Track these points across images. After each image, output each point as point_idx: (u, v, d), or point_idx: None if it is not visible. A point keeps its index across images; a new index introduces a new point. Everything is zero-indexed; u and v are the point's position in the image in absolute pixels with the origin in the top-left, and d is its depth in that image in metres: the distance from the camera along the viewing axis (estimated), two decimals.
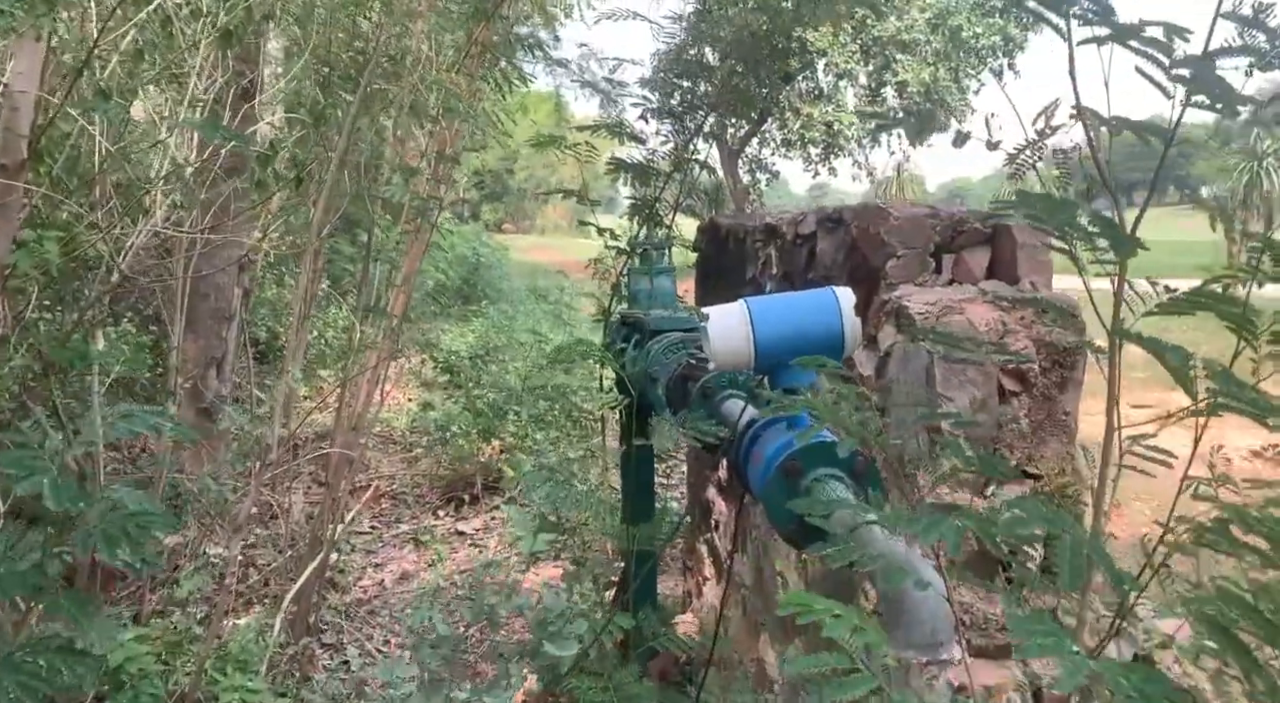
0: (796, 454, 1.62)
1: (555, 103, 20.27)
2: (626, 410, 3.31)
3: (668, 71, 13.88)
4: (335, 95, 3.12)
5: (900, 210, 2.21)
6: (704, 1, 13.80)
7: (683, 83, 12.81)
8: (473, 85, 3.69)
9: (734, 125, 12.90)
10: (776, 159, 18.40)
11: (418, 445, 7.15)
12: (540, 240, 43.16)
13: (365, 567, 5.16)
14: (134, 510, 1.59)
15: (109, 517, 1.57)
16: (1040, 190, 1.39)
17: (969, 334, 1.97)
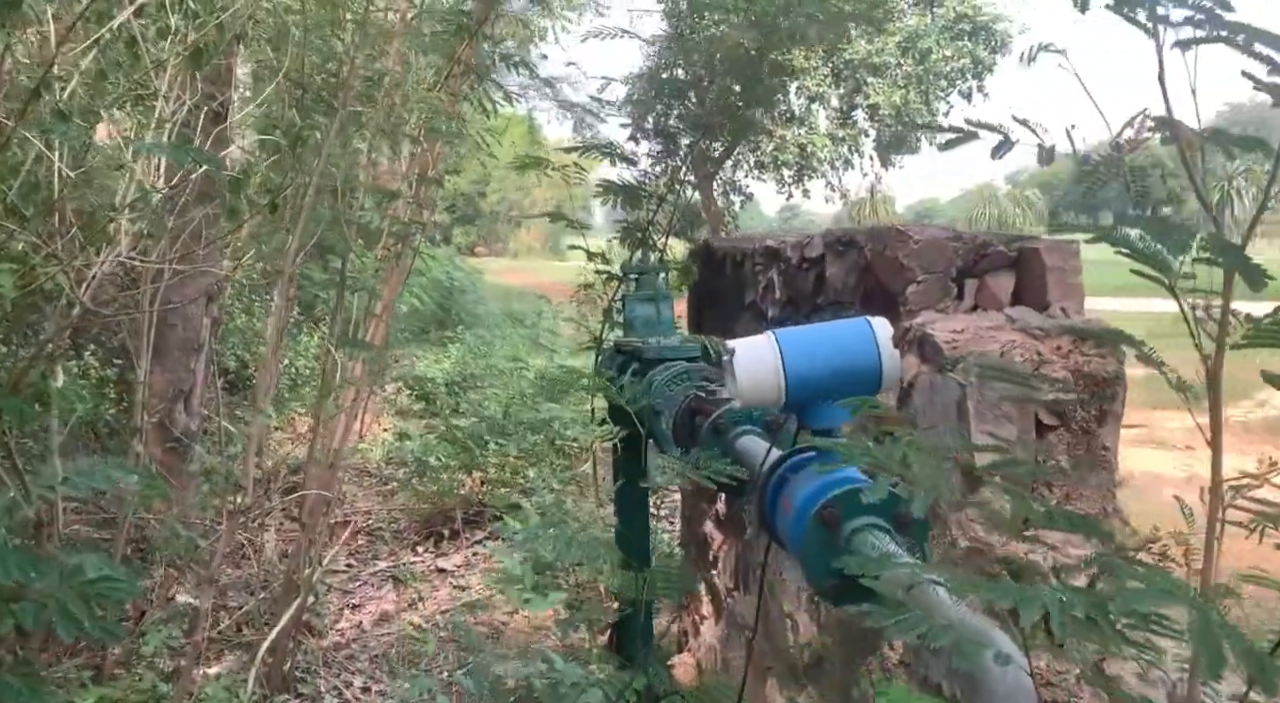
0: (834, 502, 1.47)
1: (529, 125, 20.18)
2: (623, 444, 3.16)
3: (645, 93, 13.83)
4: (311, 118, 2.95)
5: (920, 233, 2.09)
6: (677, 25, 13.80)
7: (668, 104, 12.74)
8: (455, 106, 3.54)
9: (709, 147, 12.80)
10: (750, 181, 18.45)
11: (394, 478, 6.93)
12: (514, 264, 42.97)
13: (342, 608, 4.93)
14: (94, 577, 1.41)
15: (66, 585, 1.39)
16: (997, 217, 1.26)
17: (1008, 365, 1.84)
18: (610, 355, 3.19)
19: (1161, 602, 0.85)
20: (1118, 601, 0.85)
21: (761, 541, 3.10)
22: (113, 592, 1.40)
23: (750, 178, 17.93)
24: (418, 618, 4.75)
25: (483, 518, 6.04)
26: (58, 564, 1.36)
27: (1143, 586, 0.87)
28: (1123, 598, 0.84)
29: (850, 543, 1.45)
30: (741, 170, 18.10)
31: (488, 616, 4.60)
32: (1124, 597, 0.84)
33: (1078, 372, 1.87)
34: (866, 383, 1.53)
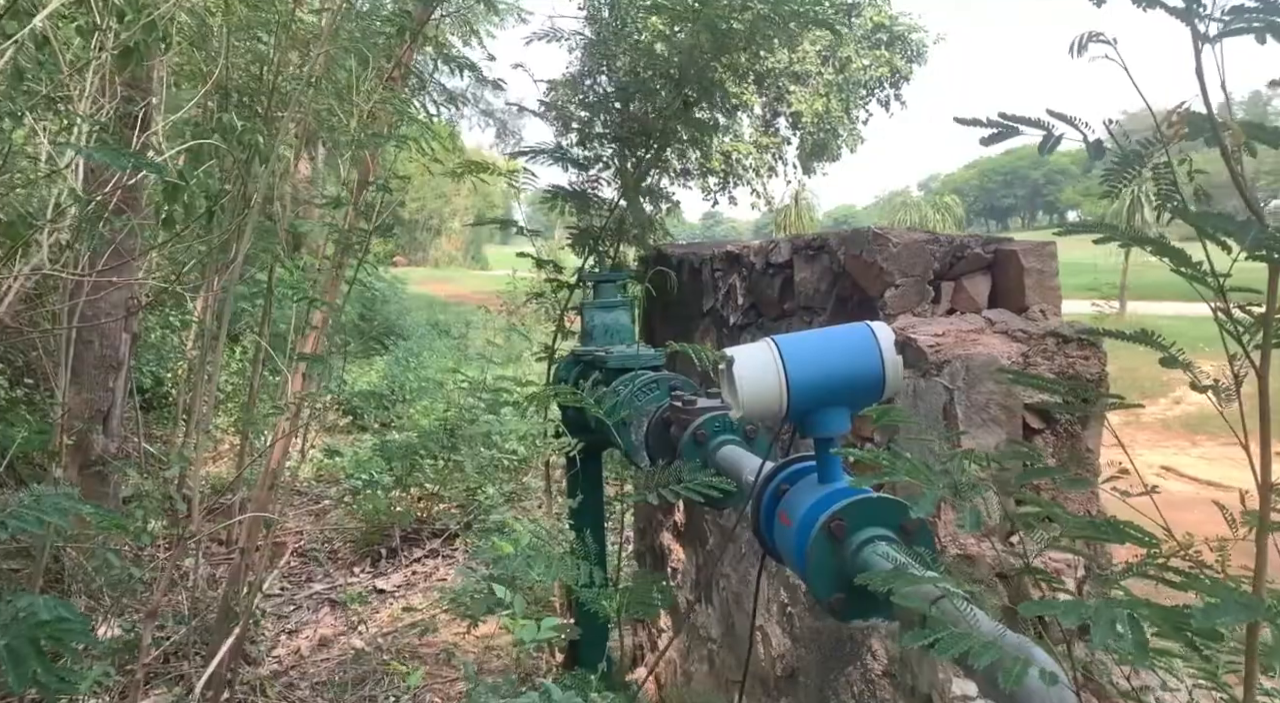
0: (841, 513, 1.42)
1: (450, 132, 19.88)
2: (582, 456, 3.07)
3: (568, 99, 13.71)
4: (252, 122, 2.79)
5: (899, 236, 2.06)
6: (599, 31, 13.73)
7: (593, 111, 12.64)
8: (398, 108, 3.41)
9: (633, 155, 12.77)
10: (675, 188, 18.49)
11: (325, 497, 6.70)
12: (434, 273, 42.36)
13: (279, 634, 4.72)
14: (47, 619, 1.27)
15: (15, 629, 1.25)
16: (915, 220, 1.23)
17: (994, 368, 1.81)
18: (567, 364, 3.11)
19: (1242, 617, 0.81)
20: (1197, 616, 0.81)
21: (719, 553, 3.05)
22: (67, 635, 1.27)
23: (676, 185, 18.04)
24: (360, 641, 4.57)
25: (421, 536, 5.87)
26: (5, 604, 1.22)
27: (1217, 600, 0.82)
28: (1204, 613, 0.80)
29: (858, 556, 1.40)
30: (667, 177, 18.15)
31: (435, 637, 4.45)
32: (1205, 612, 0.80)
33: (1063, 374, 1.86)
34: (869, 390, 1.48)
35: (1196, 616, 0.82)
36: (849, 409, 1.52)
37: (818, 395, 1.48)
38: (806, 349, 1.50)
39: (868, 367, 1.47)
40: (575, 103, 4.45)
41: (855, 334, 1.50)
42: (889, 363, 1.47)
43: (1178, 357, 1.17)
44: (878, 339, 1.49)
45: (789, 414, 1.49)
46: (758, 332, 2.80)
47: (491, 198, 43.85)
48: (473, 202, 52.72)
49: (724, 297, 3.00)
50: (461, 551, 5.67)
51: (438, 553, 5.74)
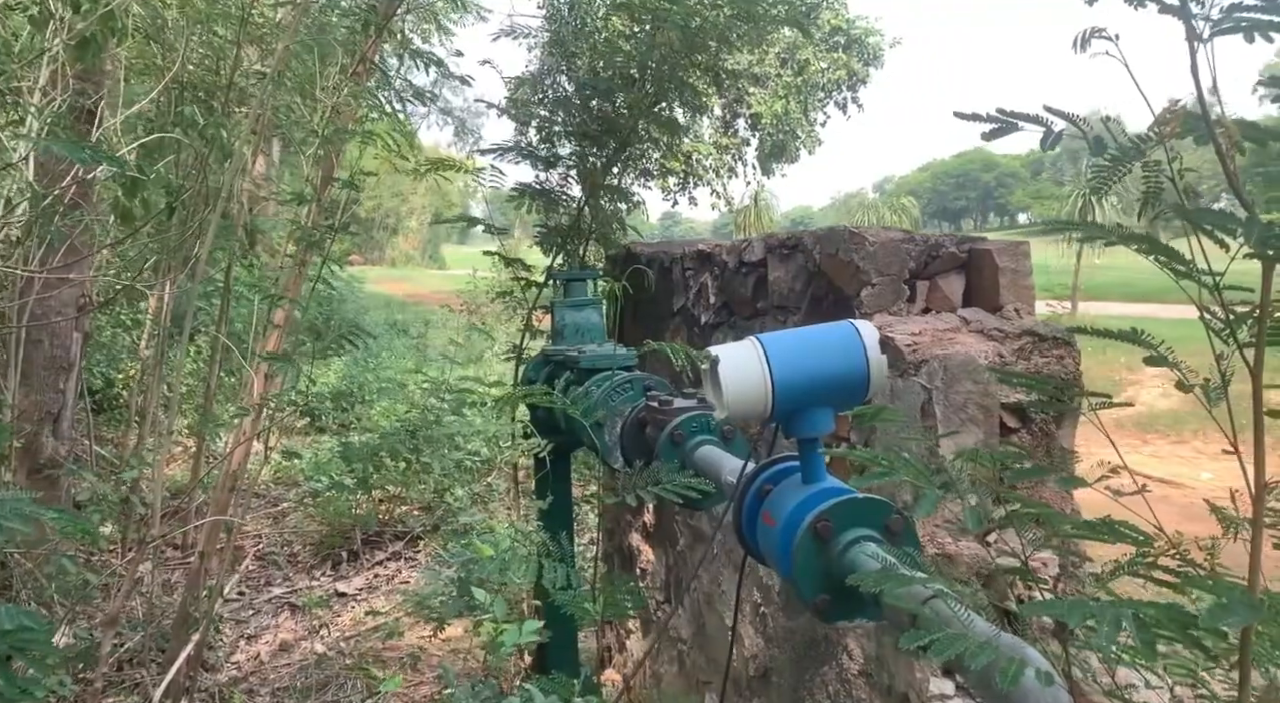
0: (827, 513, 1.41)
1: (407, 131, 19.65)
2: (552, 457, 3.04)
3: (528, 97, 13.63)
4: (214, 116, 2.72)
5: (876, 235, 2.06)
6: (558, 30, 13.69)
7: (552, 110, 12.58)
8: (368, 102, 3.35)
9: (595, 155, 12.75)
10: (636, 189, 18.43)
11: (284, 499, 6.58)
12: (391, 272, 41.97)
13: (238, 639, 4.62)
14: (9, 628, 1.22)
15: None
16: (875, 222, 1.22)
17: (982, 367, 1.82)
18: (537, 364, 3.08)
19: (1248, 618, 0.81)
20: (1204, 616, 0.81)
21: (691, 554, 3.04)
22: (30, 644, 1.22)
23: (637, 185, 18.02)
24: (322, 646, 4.49)
25: (383, 538, 5.79)
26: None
27: (1225, 600, 0.83)
28: (1211, 614, 0.80)
29: (845, 556, 1.39)
30: (628, 177, 18.14)
31: (400, 640, 4.38)
32: (1212, 613, 0.80)
33: (1038, 373, 1.88)
34: (853, 389, 1.48)
35: (1203, 616, 0.82)
36: (833, 409, 1.52)
37: (803, 395, 1.48)
38: (791, 348, 1.49)
39: (852, 366, 1.47)
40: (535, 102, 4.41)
41: (839, 333, 1.50)
42: (873, 362, 1.47)
43: (1166, 356, 1.18)
44: (862, 338, 1.48)
45: (774, 414, 1.48)
46: (730, 331, 2.79)
47: (449, 197, 43.54)
48: (430, 201, 52.28)
49: (695, 296, 2.99)
50: (424, 553, 5.61)
51: (400, 555, 5.66)
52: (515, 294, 3.53)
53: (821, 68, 19.93)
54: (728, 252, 2.74)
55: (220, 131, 2.52)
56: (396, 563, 5.61)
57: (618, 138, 3.44)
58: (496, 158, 3.48)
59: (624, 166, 4.04)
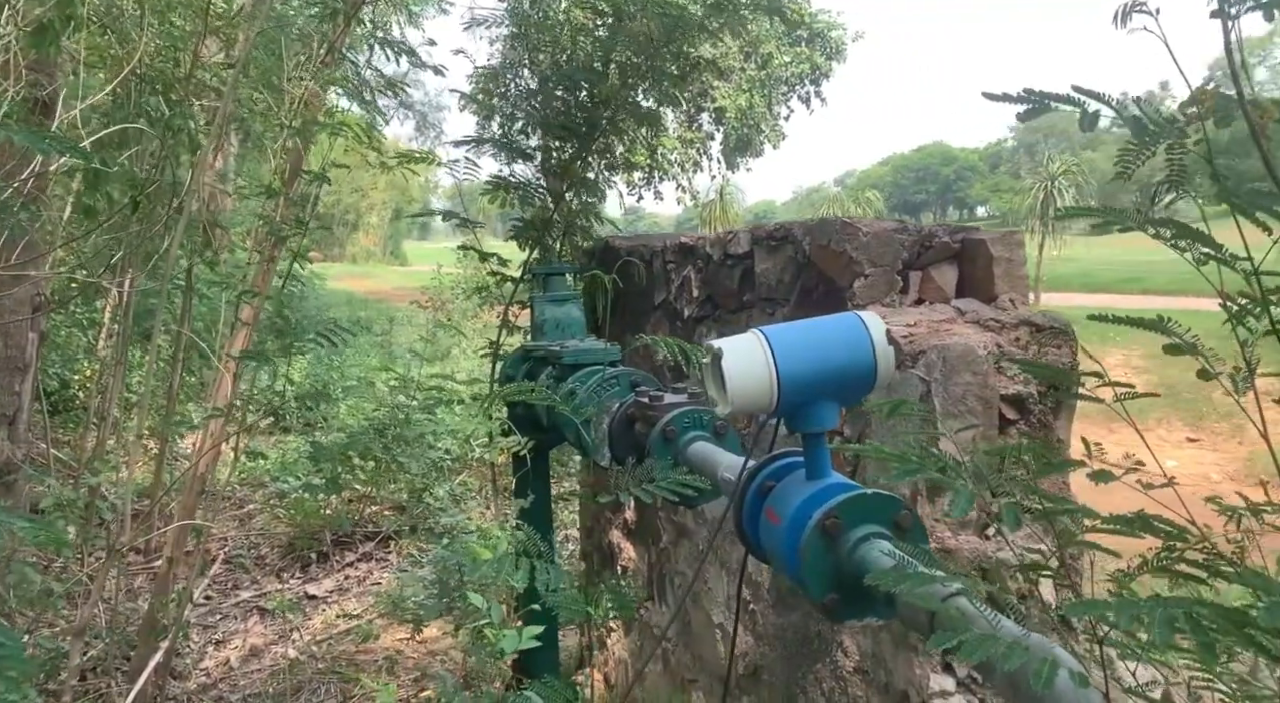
0: (835, 510, 1.37)
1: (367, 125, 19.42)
2: (532, 455, 2.98)
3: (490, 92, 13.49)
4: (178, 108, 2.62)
5: (869, 225, 2.03)
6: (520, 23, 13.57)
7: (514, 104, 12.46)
8: (332, 94, 3.26)
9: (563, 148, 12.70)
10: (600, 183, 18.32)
11: (250, 500, 6.44)
12: (353, 269, 41.45)
13: (205, 645, 4.50)
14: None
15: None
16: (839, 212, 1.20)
17: (971, 359, 1.79)
18: (515, 360, 3.01)
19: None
20: (1262, 615, 0.77)
21: (680, 550, 3.00)
22: (6, 659, 1.14)
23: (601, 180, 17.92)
24: (293, 650, 4.39)
25: (353, 539, 5.69)
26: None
27: None
28: (1269, 612, 0.76)
29: (854, 553, 1.36)
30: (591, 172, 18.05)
31: (374, 643, 4.30)
32: (1270, 611, 0.76)
33: (1038, 362, 1.85)
34: (860, 383, 1.44)
35: (1261, 615, 0.79)
36: (839, 402, 1.48)
37: (808, 388, 1.43)
38: (796, 341, 1.44)
39: (859, 358, 1.43)
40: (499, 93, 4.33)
41: (845, 325, 1.46)
42: (880, 354, 1.43)
43: (1192, 344, 1.15)
44: (869, 330, 1.44)
45: (779, 408, 1.44)
46: (714, 325, 2.75)
47: (409, 192, 43.13)
48: (390, 196, 51.72)
49: (678, 289, 2.94)
50: (397, 553, 5.51)
51: (371, 556, 5.57)
52: (491, 290, 3.46)
53: (785, 61, 19.99)
54: (712, 244, 2.70)
55: (188, 122, 2.42)
56: (367, 564, 5.51)
57: (586, 129, 3.38)
58: (469, 150, 3.40)
59: (596, 158, 3.98)
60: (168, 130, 2.44)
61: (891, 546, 1.35)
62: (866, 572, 1.33)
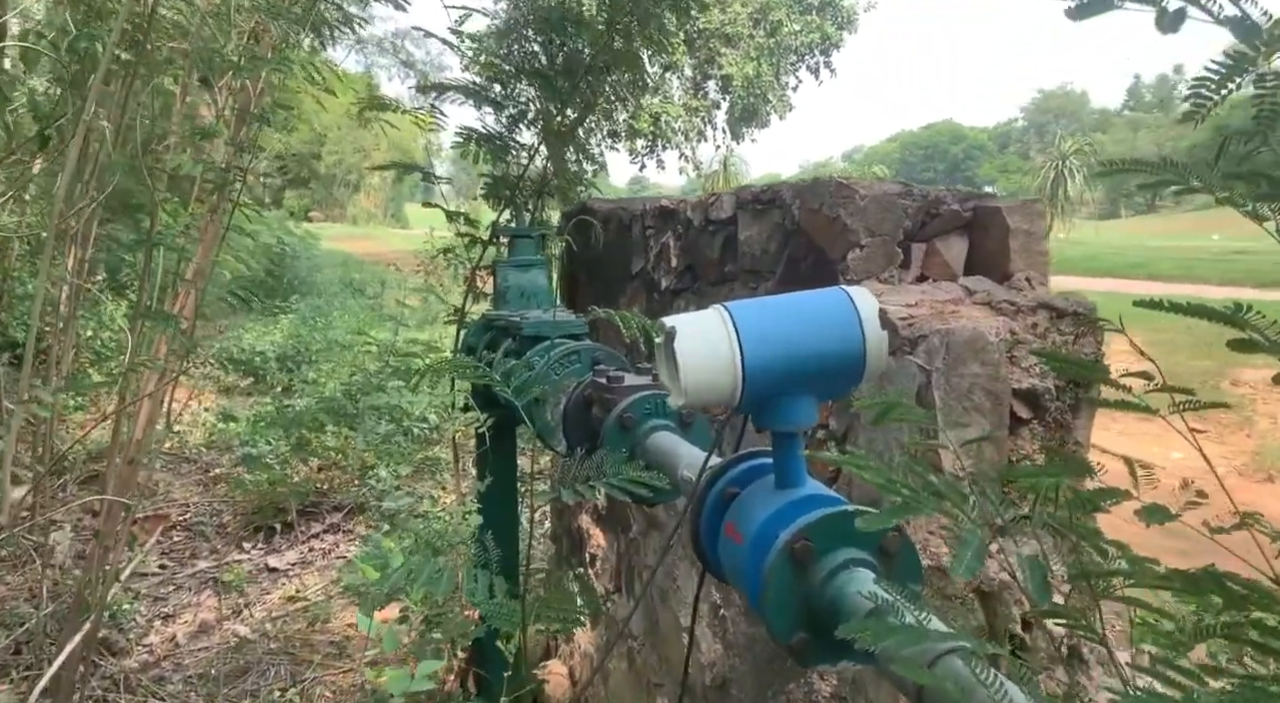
0: (808, 531, 1.11)
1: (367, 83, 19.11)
2: (493, 435, 2.72)
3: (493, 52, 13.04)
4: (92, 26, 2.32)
5: (868, 187, 1.75)
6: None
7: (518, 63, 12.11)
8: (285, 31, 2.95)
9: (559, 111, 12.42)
10: (603, 150, 18.00)
11: (217, 465, 6.19)
12: (352, 230, 41.04)
13: (152, 619, 4.26)
14: None
15: None
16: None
17: (980, 346, 1.52)
18: (478, 330, 2.74)
19: None
20: None
21: (650, 542, 2.75)
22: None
23: (604, 146, 17.56)
24: (244, 628, 4.16)
25: (320, 509, 5.44)
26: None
27: None
28: None
29: (828, 586, 1.09)
30: (595, 138, 17.67)
31: (325, 625, 4.06)
32: None
33: (1056, 352, 1.58)
34: (845, 374, 1.17)
35: None
36: (817, 397, 1.21)
37: (780, 379, 1.16)
38: (768, 320, 1.17)
39: (845, 344, 1.15)
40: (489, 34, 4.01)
41: (829, 302, 1.18)
42: (871, 339, 1.16)
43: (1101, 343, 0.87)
44: (857, 309, 1.16)
45: (743, 402, 1.17)
46: (694, 298, 2.47)
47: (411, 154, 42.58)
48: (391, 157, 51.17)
49: (656, 257, 2.66)
50: (365, 525, 5.27)
51: (338, 528, 5.32)
52: (458, 252, 3.17)
53: (794, 29, 19.51)
54: (693, 207, 2.42)
55: (94, 45, 2.12)
56: (334, 536, 5.26)
57: (563, 77, 3.08)
58: (437, 98, 3.11)
59: (584, 112, 3.68)
60: (70, 53, 2.14)
61: (875, 578, 1.09)
62: (841, 611, 1.07)
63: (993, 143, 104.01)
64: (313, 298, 12.98)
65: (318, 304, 11.95)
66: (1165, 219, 54.44)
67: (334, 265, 19.29)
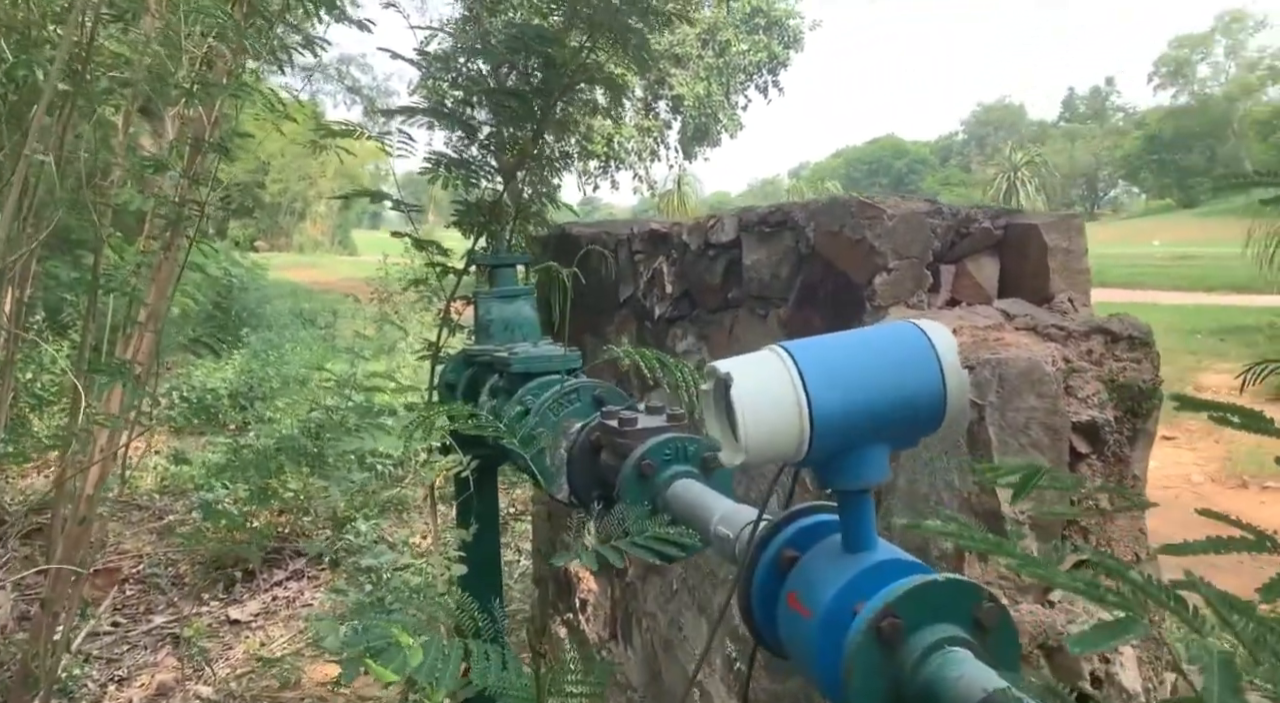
0: (896, 606, 0.96)
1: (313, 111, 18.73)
2: (476, 480, 2.54)
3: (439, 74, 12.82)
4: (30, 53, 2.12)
5: (895, 205, 1.62)
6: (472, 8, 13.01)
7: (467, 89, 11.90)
8: (238, 58, 2.77)
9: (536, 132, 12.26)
10: (560, 172, 17.77)
11: (170, 511, 5.89)
12: (299, 259, 40.34)
13: (105, 683, 3.98)
14: None
15: None
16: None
17: (1037, 377, 1.39)
18: (457, 366, 2.57)
19: None
20: None
21: (650, 587, 2.58)
22: None
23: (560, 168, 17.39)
24: (207, 688, 3.90)
25: (283, 555, 5.18)
26: None
27: None
28: None
29: (923, 669, 0.94)
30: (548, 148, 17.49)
31: (298, 685, 3.81)
32: None
33: (1113, 383, 1.46)
34: (923, 418, 1.02)
35: None
36: (891, 445, 1.06)
37: (851, 428, 1.01)
38: (834, 361, 1.02)
39: (922, 385, 1.01)
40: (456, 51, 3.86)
41: (900, 337, 1.04)
42: (951, 379, 1.01)
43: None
44: (934, 345, 1.02)
45: (809, 456, 1.02)
46: (692, 326, 2.33)
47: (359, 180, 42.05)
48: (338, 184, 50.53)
49: (647, 283, 2.51)
50: (330, 570, 5.02)
51: (302, 574, 5.07)
52: (430, 282, 3.00)
53: (742, 49, 19.61)
54: (689, 231, 2.27)
55: (33, 72, 1.93)
56: (298, 583, 5.01)
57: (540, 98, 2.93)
58: (404, 121, 2.94)
59: (553, 133, 3.53)
60: (9, 80, 1.94)
61: (975, 660, 0.95)
62: (941, 701, 0.92)
63: (934, 156, 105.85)
64: (263, 331, 12.60)
65: (269, 337, 11.60)
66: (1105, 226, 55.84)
67: (283, 296, 18.83)
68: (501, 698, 1.49)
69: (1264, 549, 0.68)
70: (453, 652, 1.30)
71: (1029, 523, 1.42)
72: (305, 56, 2.83)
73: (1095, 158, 79.90)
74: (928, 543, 1.50)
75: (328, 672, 3.78)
